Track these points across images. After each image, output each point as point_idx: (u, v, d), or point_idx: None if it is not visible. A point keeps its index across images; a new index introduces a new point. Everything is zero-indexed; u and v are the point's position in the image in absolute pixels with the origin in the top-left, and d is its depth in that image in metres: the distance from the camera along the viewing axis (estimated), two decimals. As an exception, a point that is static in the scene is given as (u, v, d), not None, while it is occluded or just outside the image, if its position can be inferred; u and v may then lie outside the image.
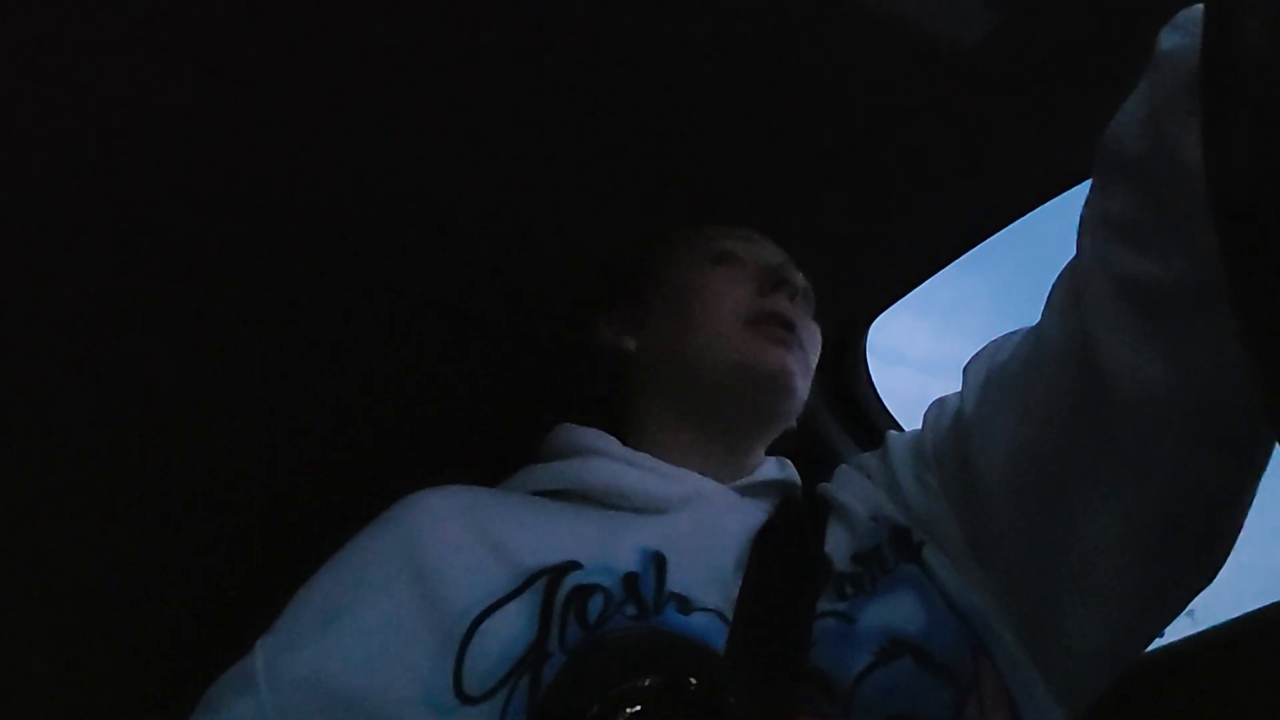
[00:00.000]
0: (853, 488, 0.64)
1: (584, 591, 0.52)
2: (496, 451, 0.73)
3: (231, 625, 0.57)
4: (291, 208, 0.82)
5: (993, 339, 0.61)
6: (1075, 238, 0.50)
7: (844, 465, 0.69)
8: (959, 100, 0.76)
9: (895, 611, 0.53)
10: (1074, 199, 0.84)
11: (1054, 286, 0.53)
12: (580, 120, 0.78)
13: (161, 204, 0.79)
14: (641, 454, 0.66)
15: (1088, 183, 0.52)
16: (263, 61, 0.69)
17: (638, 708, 0.43)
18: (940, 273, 1.00)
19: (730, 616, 0.52)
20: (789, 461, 0.73)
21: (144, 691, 1.03)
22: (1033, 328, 0.54)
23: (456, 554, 0.55)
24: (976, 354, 0.61)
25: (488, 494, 0.64)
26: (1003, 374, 0.56)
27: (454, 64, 0.72)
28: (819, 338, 0.73)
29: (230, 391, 0.95)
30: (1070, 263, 0.51)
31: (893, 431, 0.68)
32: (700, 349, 0.68)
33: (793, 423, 0.73)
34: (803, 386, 0.69)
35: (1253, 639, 0.69)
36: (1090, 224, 0.49)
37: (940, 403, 0.64)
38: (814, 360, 0.71)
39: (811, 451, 1.10)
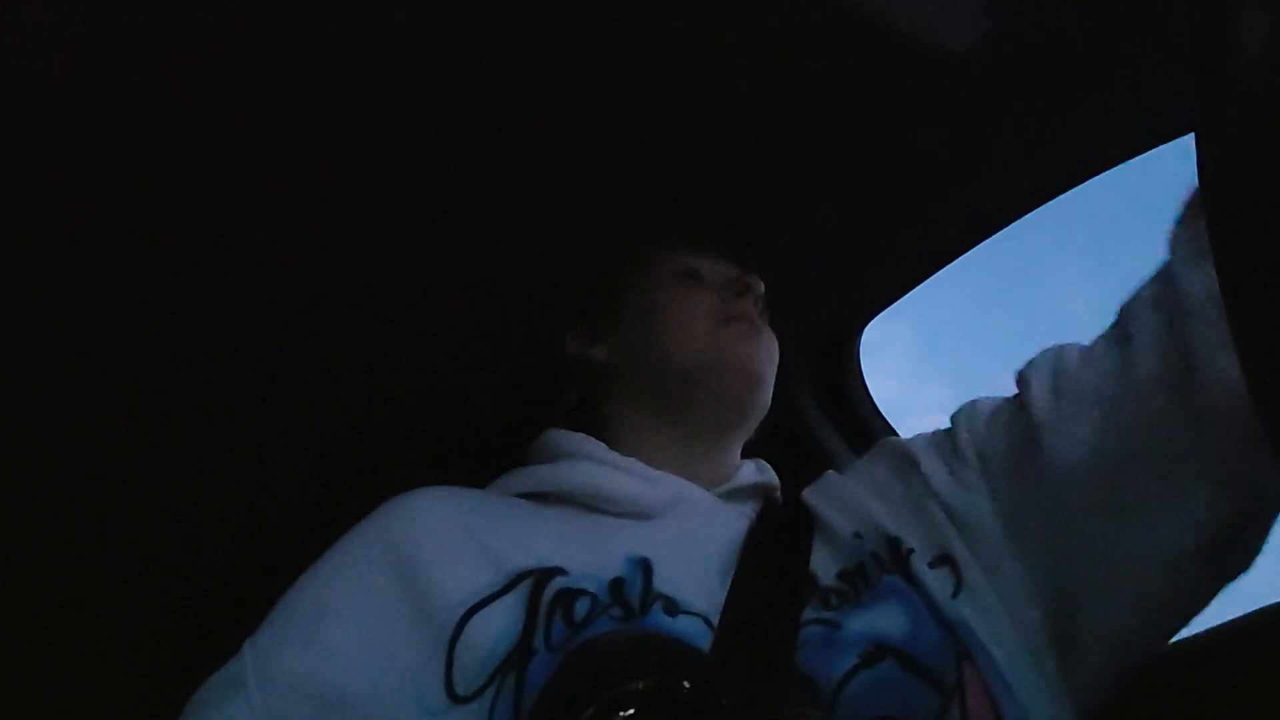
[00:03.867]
0: (838, 500, 0.65)
1: (570, 594, 0.52)
2: (483, 455, 0.72)
3: (221, 627, 0.56)
4: (288, 210, 0.82)
5: (1043, 350, 0.62)
6: (1165, 257, 0.52)
7: (831, 473, 0.70)
8: (954, 103, 0.76)
9: (879, 619, 0.54)
10: (988, 251, 0.89)
11: (1139, 307, 0.54)
12: (577, 123, 0.79)
13: (162, 204, 0.78)
14: (628, 459, 0.66)
15: (1079, 186, 0.52)
16: (262, 62, 0.69)
17: (630, 710, 0.43)
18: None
19: (715, 622, 0.52)
20: (766, 464, 0.74)
21: (135, 693, 1.03)
22: (1111, 344, 0.56)
23: (443, 553, 0.55)
24: (1030, 363, 0.62)
25: (474, 495, 0.64)
26: (1080, 386, 0.57)
27: (449, 69, 0.72)
28: (774, 338, 0.74)
29: (222, 394, 0.95)
30: (1159, 284, 0.53)
31: (894, 438, 0.69)
32: (672, 349, 0.69)
33: (757, 425, 0.74)
34: (771, 378, 0.71)
35: (1251, 639, 0.69)
36: (1187, 245, 0.50)
37: (974, 405, 0.65)
38: (775, 356, 0.73)
39: (805, 452, 1.10)
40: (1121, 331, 0.55)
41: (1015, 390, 0.62)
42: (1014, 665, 0.53)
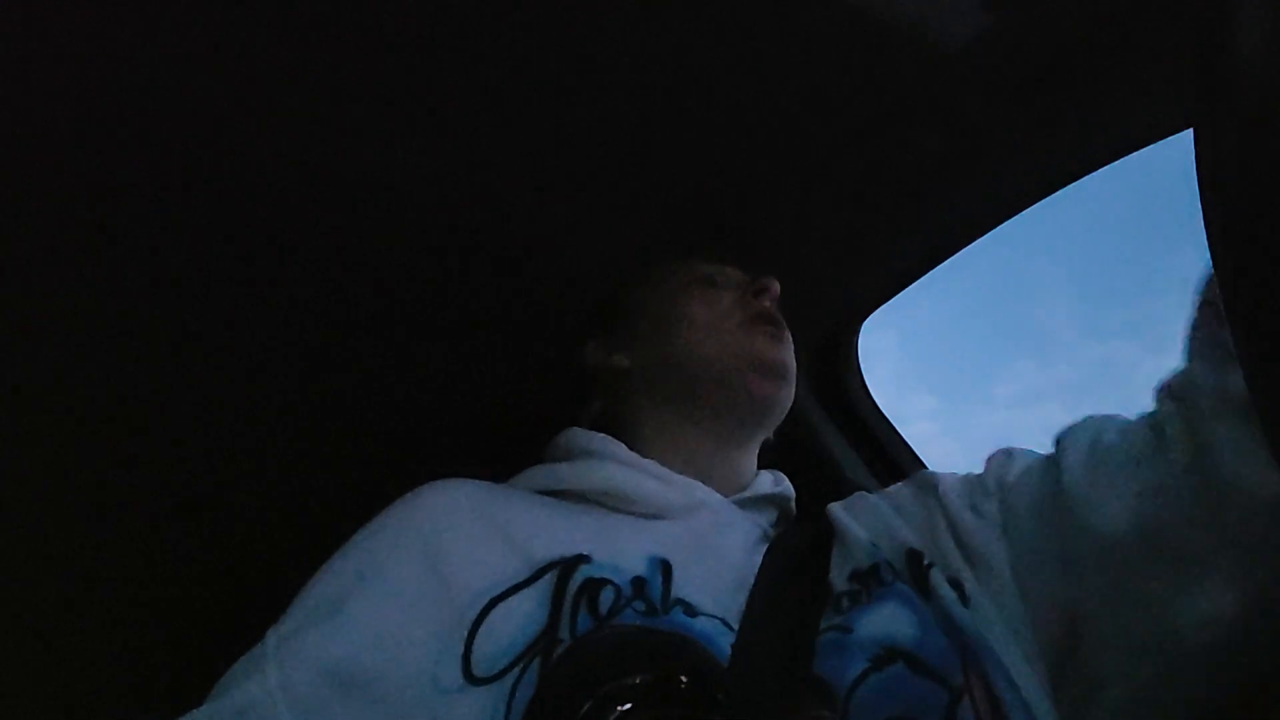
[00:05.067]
0: (864, 515, 0.66)
1: (595, 584, 0.53)
2: (497, 453, 0.74)
3: (239, 623, 0.57)
4: (320, 211, 0.83)
5: (1088, 416, 0.62)
6: (1184, 356, 0.52)
7: (864, 493, 0.71)
8: (951, 100, 0.76)
9: (889, 620, 0.54)
10: (974, 264, 0.86)
11: (1166, 396, 0.54)
12: (581, 124, 0.79)
13: (180, 203, 0.79)
14: (648, 460, 0.67)
15: (1075, 184, 0.52)
16: (264, 63, 0.69)
17: (628, 705, 0.43)
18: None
19: (733, 625, 0.53)
20: (784, 476, 0.75)
21: (156, 688, 1.03)
22: (1147, 427, 0.55)
23: (469, 541, 0.56)
24: (1071, 428, 0.61)
25: (496, 488, 0.64)
26: (1116, 462, 0.56)
27: (470, 79, 0.72)
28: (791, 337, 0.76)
29: (238, 393, 0.96)
30: (1182, 380, 0.52)
31: (931, 470, 0.69)
32: (697, 348, 0.70)
33: (786, 409, 0.74)
34: (794, 376, 0.72)
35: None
36: (1202, 347, 0.50)
37: (1010, 454, 0.65)
38: (794, 355, 0.74)
39: (804, 449, 1.11)
40: (1156, 417, 0.55)
41: (1053, 451, 0.61)
42: (1019, 678, 0.53)
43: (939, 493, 0.64)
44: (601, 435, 0.70)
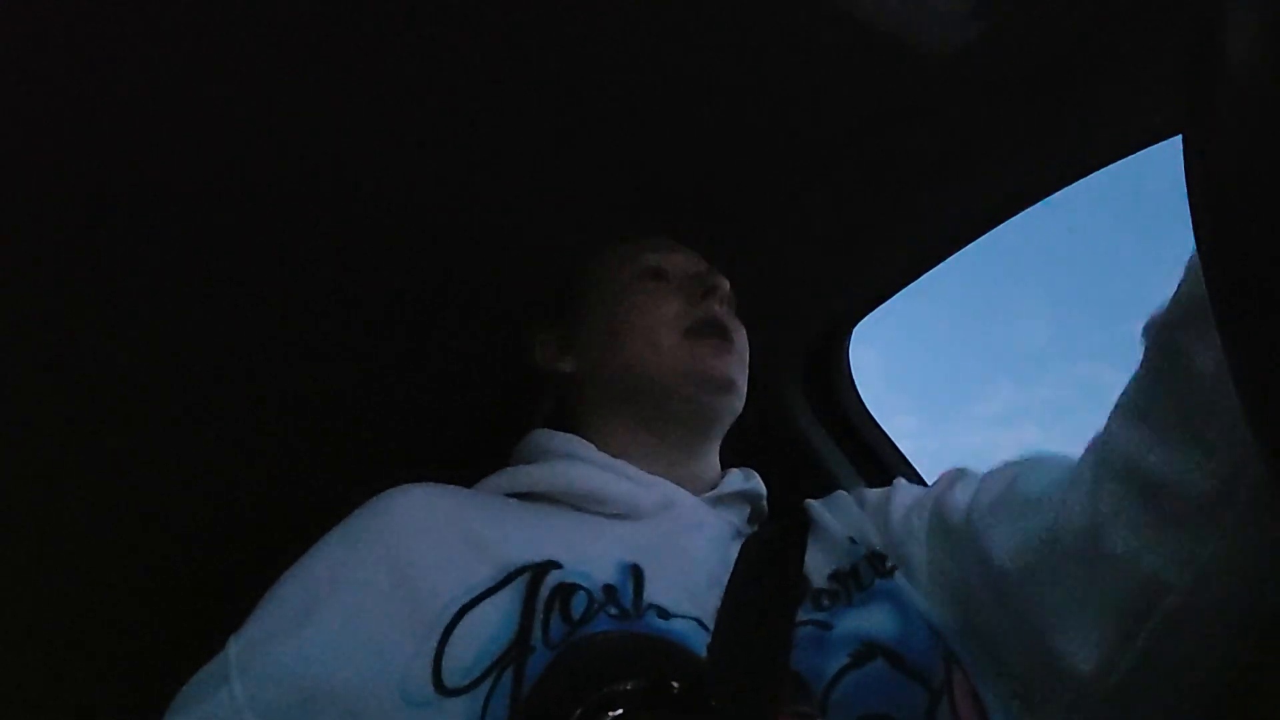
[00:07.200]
0: (840, 512, 0.66)
1: (566, 589, 0.52)
2: (467, 456, 0.72)
3: (205, 627, 0.56)
4: (275, 207, 0.81)
5: (1032, 454, 0.62)
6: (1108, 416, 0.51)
7: (842, 492, 0.71)
8: (945, 104, 0.77)
9: (870, 620, 0.54)
10: (954, 284, 0.88)
11: (1083, 454, 0.53)
12: (571, 123, 0.79)
13: (155, 203, 0.78)
14: (617, 460, 0.66)
15: (1072, 186, 0.51)
16: (240, 62, 0.69)
17: (620, 711, 0.43)
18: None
19: (707, 624, 0.53)
20: (754, 472, 0.74)
21: (118, 695, 1.02)
22: (1064, 484, 0.54)
23: (436, 547, 0.55)
24: (1006, 463, 0.62)
25: (464, 492, 0.63)
26: (1023, 499, 0.56)
27: (439, 72, 0.72)
28: (745, 335, 0.74)
29: (202, 394, 0.95)
30: (1100, 437, 0.52)
31: (901, 480, 0.70)
32: (640, 363, 0.69)
33: (730, 424, 0.74)
34: (743, 381, 0.71)
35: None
36: (1121, 405, 0.50)
37: (960, 473, 0.65)
38: (746, 356, 0.73)
39: (794, 450, 1.11)
40: (1076, 470, 0.53)
41: (983, 478, 0.62)
42: (991, 679, 0.53)
43: (891, 503, 0.65)
44: (569, 436, 0.69)
